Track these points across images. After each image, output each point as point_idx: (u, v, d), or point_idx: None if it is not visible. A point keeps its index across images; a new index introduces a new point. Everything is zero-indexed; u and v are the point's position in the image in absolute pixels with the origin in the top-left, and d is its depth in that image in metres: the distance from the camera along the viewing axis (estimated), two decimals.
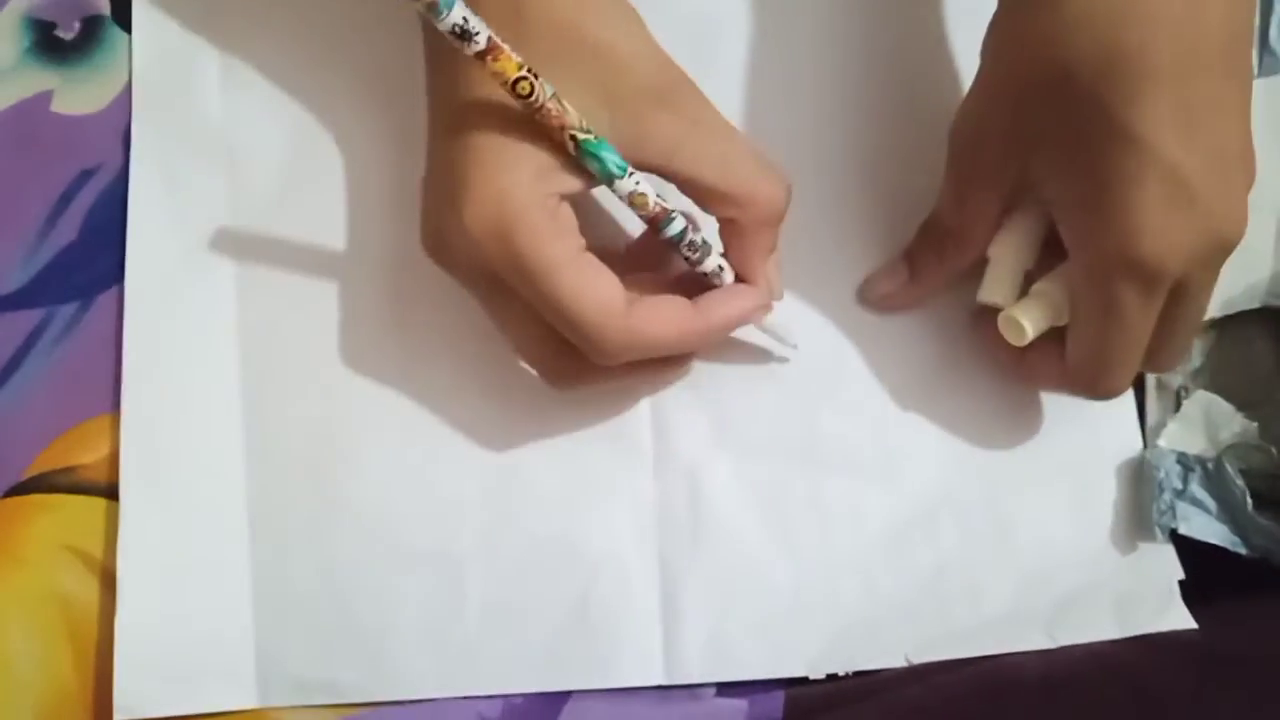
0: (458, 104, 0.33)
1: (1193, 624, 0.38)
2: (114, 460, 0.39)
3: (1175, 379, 0.41)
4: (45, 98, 0.43)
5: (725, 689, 0.38)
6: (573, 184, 0.34)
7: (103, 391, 0.40)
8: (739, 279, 0.37)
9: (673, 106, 0.34)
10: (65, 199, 0.42)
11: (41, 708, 0.38)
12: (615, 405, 0.40)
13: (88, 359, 0.40)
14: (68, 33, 0.43)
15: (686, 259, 0.36)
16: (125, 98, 0.42)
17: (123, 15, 0.43)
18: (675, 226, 0.35)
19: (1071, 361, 0.36)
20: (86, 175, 0.42)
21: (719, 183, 0.35)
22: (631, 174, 0.34)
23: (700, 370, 0.40)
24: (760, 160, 0.36)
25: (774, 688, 0.38)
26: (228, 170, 0.42)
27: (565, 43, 0.33)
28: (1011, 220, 0.38)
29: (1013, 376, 0.40)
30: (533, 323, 0.34)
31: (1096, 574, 0.39)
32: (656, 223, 0.35)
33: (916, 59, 0.43)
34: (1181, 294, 0.34)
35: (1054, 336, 0.37)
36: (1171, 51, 0.31)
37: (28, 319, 0.41)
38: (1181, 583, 0.39)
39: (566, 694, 0.38)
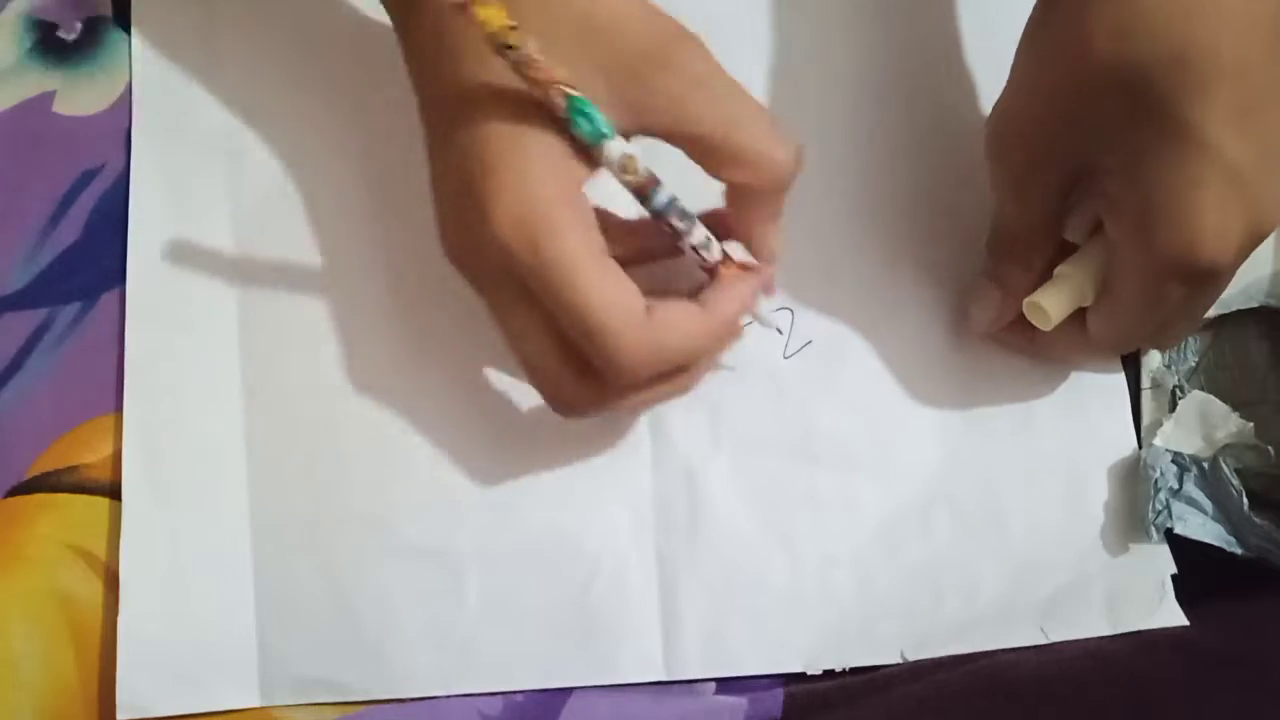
0: (452, 98, 0.32)
1: (1184, 620, 0.38)
2: (117, 460, 0.40)
3: (1171, 378, 0.41)
4: (47, 98, 0.42)
5: (725, 686, 0.39)
6: (585, 171, 0.32)
7: (105, 391, 0.40)
8: (749, 249, 0.36)
9: (672, 66, 0.32)
10: (67, 199, 0.42)
11: (44, 707, 0.38)
12: None
13: (90, 359, 0.40)
14: (70, 33, 0.43)
15: (675, 231, 0.34)
16: (127, 98, 0.42)
17: (125, 16, 0.43)
18: (664, 195, 0.33)
19: (1099, 334, 0.37)
20: (89, 176, 0.42)
21: (727, 143, 0.33)
22: (618, 137, 0.32)
23: None
24: (770, 120, 0.33)
25: (774, 685, 0.38)
26: (228, 170, 0.42)
27: (551, 11, 0.31)
28: (1090, 245, 0.37)
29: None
30: (548, 336, 0.33)
31: (1090, 571, 0.40)
32: (645, 191, 0.33)
33: (925, 60, 0.43)
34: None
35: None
36: (1236, 46, 0.31)
37: (30, 319, 0.41)
38: (1177, 582, 0.39)
39: (567, 691, 0.38)
